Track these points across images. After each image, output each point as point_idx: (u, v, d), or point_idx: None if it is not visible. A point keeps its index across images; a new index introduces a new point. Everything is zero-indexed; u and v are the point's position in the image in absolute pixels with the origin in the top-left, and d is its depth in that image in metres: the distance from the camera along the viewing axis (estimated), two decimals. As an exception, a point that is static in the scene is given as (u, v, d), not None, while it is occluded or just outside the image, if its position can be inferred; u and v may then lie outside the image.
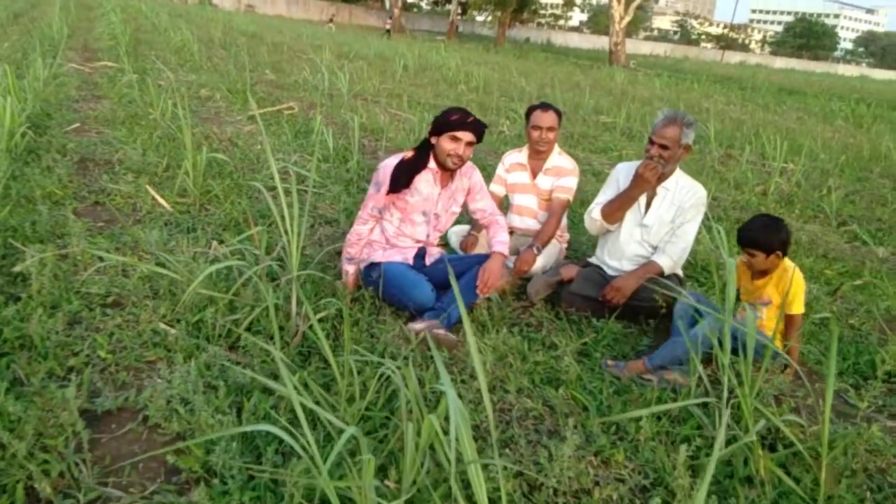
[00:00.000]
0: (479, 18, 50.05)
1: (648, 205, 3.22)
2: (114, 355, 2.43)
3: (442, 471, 1.83)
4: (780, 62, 68.35)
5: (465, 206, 3.34)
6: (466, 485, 1.69)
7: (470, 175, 3.26)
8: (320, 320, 2.81)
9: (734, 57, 64.78)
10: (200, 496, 1.69)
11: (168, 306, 2.79)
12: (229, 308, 2.83)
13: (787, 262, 2.81)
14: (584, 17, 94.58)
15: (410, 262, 3.17)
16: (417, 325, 2.84)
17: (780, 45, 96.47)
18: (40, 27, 13.59)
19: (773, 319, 2.77)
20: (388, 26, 38.36)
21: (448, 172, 3.15)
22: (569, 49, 45.13)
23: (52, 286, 2.82)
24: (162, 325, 2.65)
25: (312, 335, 2.69)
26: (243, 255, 3.39)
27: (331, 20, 41.59)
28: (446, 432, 1.74)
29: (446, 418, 1.79)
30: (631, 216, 3.24)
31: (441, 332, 2.79)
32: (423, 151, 3.11)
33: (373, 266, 3.14)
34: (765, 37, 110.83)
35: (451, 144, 3.00)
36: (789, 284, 2.72)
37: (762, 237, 2.73)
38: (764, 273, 2.83)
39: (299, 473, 1.74)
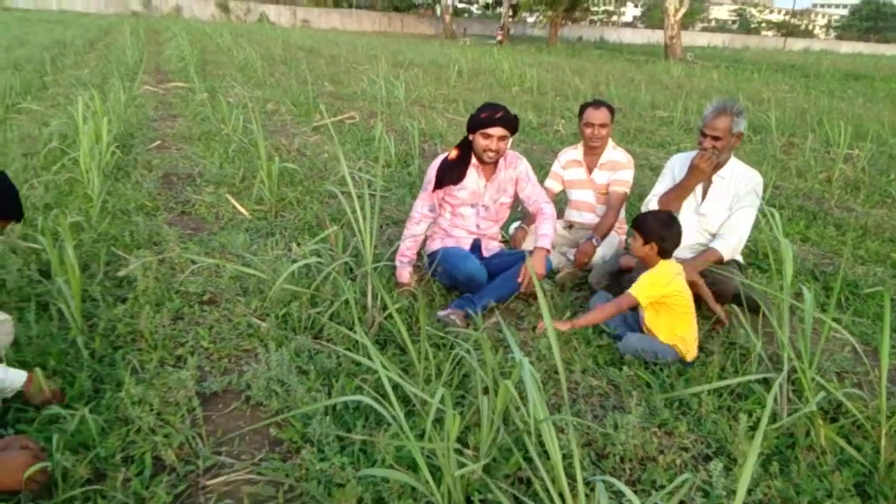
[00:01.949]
0: (530, 20, 49.92)
1: (705, 193, 3.31)
2: (215, 345, 2.71)
3: (517, 439, 2.00)
4: (847, 47, 65.55)
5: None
6: (539, 453, 1.85)
7: (516, 165, 3.42)
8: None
9: (797, 44, 62.56)
10: (306, 457, 1.92)
11: (258, 302, 3.06)
12: (311, 302, 3.07)
13: (664, 262, 2.79)
14: (638, 11, 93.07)
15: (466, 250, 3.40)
16: (442, 312, 3.06)
17: (845, 30, 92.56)
18: (115, 52, 14.45)
19: (650, 321, 2.80)
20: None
21: (490, 165, 3.33)
22: (623, 45, 44.59)
23: (155, 287, 3.13)
24: (254, 319, 2.92)
25: (388, 325, 2.91)
26: (320, 254, 3.64)
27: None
28: (518, 407, 1.92)
29: (521, 396, 1.97)
30: (688, 205, 3.34)
31: (452, 315, 3.01)
32: (466, 149, 3.32)
33: (432, 255, 3.39)
34: (829, 21, 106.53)
35: (484, 141, 3.21)
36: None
37: (647, 222, 2.78)
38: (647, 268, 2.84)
39: (389, 438, 1.94)
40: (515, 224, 4.03)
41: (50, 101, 8.13)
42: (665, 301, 2.72)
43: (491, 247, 3.49)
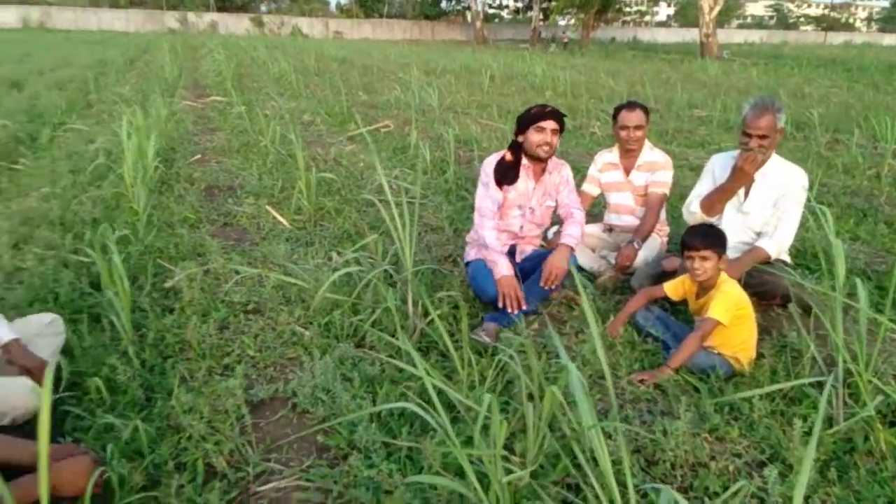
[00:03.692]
0: (562, 22, 49.67)
1: (748, 192, 3.24)
2: (261, 353, 2.75)
3: (564, 445, 1.98)
4: (890, 39, 63.79)
5: None
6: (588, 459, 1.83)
7: (560, 170, 3.44)
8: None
9: (838, 38, 61.11)
10: (353, 464, 1.93)
11: (300, 311, 3.10)
12: (353, 310, 3.10)
13: (725, 276, 2.75)
14: (671, 10, 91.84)
15: None
16: (475, 333, 2.98)
17: (888, 22, 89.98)
18: (154, 69, 14.82)
19: (720, 336, 2.67)
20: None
21: (540, 166, 3.34)
22: (657, 45, 44.02)
23: (201, 297, 3.19)
24: (297, 327, 2.96)
25: (430, 332, 2.91)
26: (360, 262, 3.66)
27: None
28: (564, 412, 1.90)
29: (566, 402, 1.95)
30: (731, 204, 3.27)
31: (483, 333, 2.95)
32: (517, 151, 3.33)
33: (468, 263, 3.39)
34: (870, 14, 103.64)
35: (539, 135, 3.22)
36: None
37: (718, 236, 2.73)
38: (706, 289, 2.76)
39: (435, 444, 1.94)
40: (554, 228, 4.00)
41: (94, 119, 8.37)
42: (738, 313, 2.67)
43: (526, 251, 3.47)
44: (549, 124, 3.20)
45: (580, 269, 3.72)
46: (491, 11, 60.23)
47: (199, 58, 19.95)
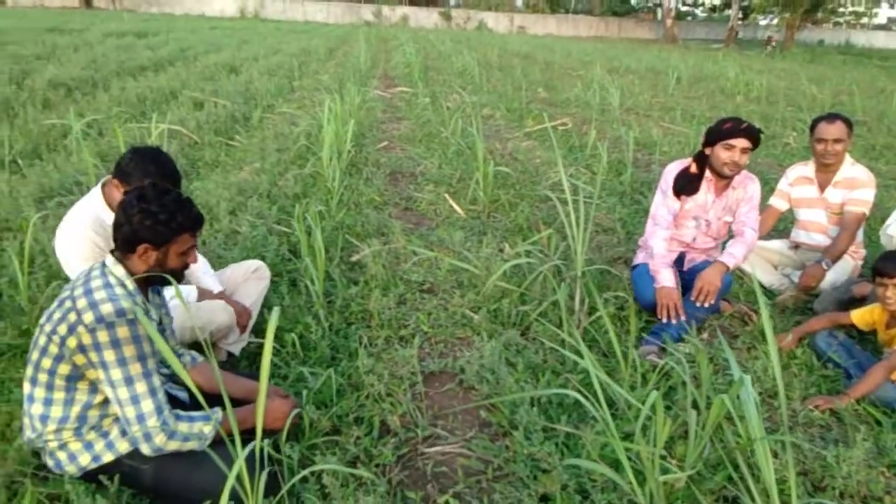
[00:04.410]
0: (763, 22, 46.14)
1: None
2: (433, 330, 2.97)
3: (727, 454, 1.97)
4: None
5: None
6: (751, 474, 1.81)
7: (746, 185, 3.27)
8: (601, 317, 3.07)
9: None
10: (517, 439, 2.06)
11: (472, 295, 3.28)
12: (521, 300, 3.22)
13: None
14: (895, 12, 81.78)
15: None
16: (643, 348, 2.90)
17: None
18: (350, 59, 15.90)
19: None
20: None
21: (724, 181, 3.21)
22: (873, 50, 39.57)
23: (383, 273, 3.48)
24: (468, 311, 3.14)
25: (592, 330, 2.97)
26: (529, 255, 3.78)
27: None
28: (731, 422, 1.89)
29: (729, 416, 1.93)
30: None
31: (649, 354, 2.86)
32: (702, 163, 3.23)
33: (634, 267, 3.38)
34: None
35: (727, 153, 3.07)
36: None
37: None
38: None
39: (594, 434, 2.02)
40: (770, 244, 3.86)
41: (297, 103, 9.21)
42: None
43: (695, 261, 3.38)
44: (741, 142, 3.04)
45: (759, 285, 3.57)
46: (684, 9, 57.37)
47: (390, 49, 21.06)
